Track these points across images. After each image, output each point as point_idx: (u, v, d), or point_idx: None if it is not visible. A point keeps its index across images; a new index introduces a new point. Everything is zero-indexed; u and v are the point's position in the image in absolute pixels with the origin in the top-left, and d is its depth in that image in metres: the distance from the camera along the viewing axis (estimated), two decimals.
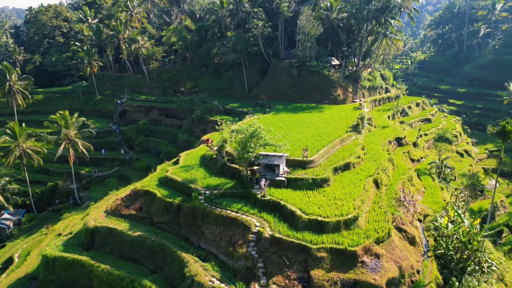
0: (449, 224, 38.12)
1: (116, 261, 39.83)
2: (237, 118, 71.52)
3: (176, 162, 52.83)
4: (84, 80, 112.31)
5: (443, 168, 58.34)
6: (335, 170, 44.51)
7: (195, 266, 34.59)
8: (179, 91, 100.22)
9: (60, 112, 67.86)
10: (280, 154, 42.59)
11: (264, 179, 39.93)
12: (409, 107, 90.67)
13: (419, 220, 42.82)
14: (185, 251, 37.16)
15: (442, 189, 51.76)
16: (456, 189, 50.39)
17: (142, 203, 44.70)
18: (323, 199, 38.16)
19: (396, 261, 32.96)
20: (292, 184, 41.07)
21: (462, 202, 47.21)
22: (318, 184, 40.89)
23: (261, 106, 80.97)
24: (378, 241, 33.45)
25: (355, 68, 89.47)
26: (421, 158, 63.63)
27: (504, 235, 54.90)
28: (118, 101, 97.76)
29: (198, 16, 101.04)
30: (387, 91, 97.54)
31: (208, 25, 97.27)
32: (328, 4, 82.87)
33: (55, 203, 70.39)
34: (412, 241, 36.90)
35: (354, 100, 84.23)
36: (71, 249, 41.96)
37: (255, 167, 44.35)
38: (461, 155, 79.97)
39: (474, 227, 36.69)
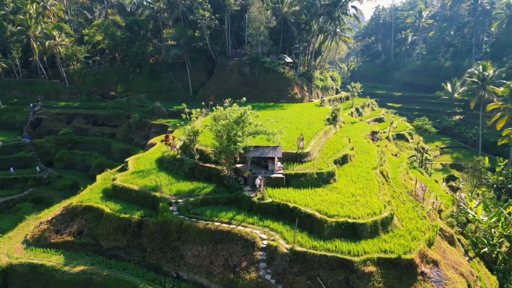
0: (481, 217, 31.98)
1: None
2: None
3: (123, 169, 40.32)
4: None
5: (424, 161, 54.03)
6: (334, 163, 36.32)
7: None
8: (108, 96, 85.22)
9: None
10: (273, 145, 33.22)
11: (259, 177, 30.04)
12: (362, 107, 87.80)
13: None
14: (159, 286, 25.43)
15: (437, 181, 46.73)
16: (459, 179, 45.67)
17: (82, 225, 31.57)
18: (339, 197, 29.48)
19: (455, 267, 25.34)
20: (293, 181, 31.84)
21: (467, 193, 42.31)
22: (324, 179, 32.22)
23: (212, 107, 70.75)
24: (429, 244, 25.53)
25: (307, 67, 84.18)
26: (397, 152, 59.00)
27: None
28: (31, 105, 79.80)
29: (128, 9, 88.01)
30: (337, 92, 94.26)
31: (142, 20, 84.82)
32: None
33: None
34: (451, 241, 29.81)
35: (311, 99, 78.52)
36: None
37: (238, 165, 34.31)
38: (418, 151, 77.98)
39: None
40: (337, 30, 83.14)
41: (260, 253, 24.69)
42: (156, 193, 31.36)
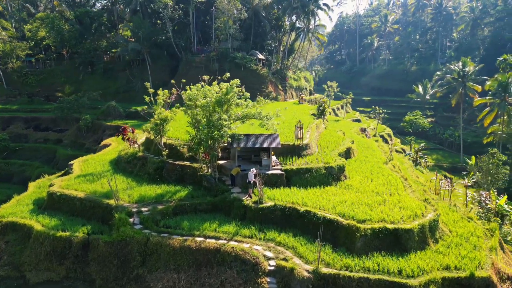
0: None
1: None
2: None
3: (67, 174, 30.98)
4: None
5: (418, 159, 48.83)
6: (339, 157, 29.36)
7: None
8: (54, 98, 73.69)
9: None
10: (268, 133, 25.77)
11: (253, 170, 22.31)
12: (338, 108, 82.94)
13: None
14: None
15: (442, 179, 41.14)
16: (470, 176, 40.21)
17: (0, 250, 22.06)
18: (360, 196, 22.36)
19: None
20: (295, 178, 24.39)
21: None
22: (335, 175, 25.07)
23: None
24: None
25: (280, 65, 78.05)
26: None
27: None
28: None
29: (78, 0, 77.87)
30: (311, 93, 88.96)
31: (95, 12, 75.13)
32: None
33: None
34: (500, 245, 23.39)
35: (286, 99, 72.37)
36: None
37: (221, 162, 26.39)
38: (400, 153, 73.68)
39: None
40: (310, 26, 78.14)
41: (268, 279, 16.86)
42: (110, 200, 22.71)
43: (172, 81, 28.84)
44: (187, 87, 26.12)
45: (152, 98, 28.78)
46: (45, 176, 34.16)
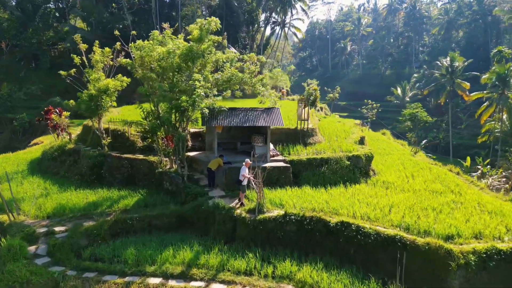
0: None
1: None
2: None
3: None
4: None
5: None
6: None
7: None
8: None
9: None
10: (264, 107, 17.56)
11: (248, 163, 13.73)
12: (318, 110, 76.00)
13: None
14: None
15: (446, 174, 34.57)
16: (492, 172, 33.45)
17: None
18: (413, 197, 14.34)
19: None
20: (306, 174, 16.15)
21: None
22: (362, 169, 16.95)
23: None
24: None
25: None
26: None
27: None
28: None
29: None
30: (288, 93, 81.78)
31: None
32: None
33: None
34: None
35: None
36: None
37: (192, 154, 17.63)
38: None
39: None
40: (287, 20, 71.57)
41: None
42: (3, 216, 13.39)
43: (116, 32, 19.67)
44: (138, 41, 17.31)
45: (85, 59, 19.71)
46: None
